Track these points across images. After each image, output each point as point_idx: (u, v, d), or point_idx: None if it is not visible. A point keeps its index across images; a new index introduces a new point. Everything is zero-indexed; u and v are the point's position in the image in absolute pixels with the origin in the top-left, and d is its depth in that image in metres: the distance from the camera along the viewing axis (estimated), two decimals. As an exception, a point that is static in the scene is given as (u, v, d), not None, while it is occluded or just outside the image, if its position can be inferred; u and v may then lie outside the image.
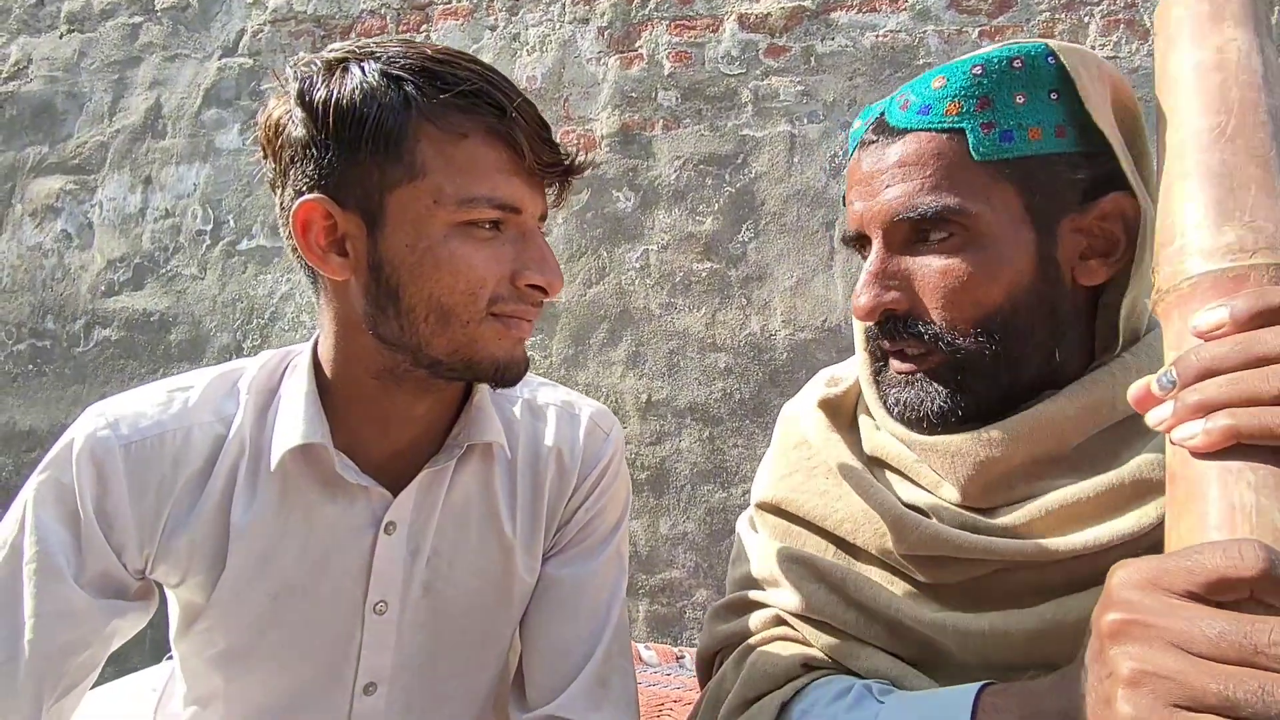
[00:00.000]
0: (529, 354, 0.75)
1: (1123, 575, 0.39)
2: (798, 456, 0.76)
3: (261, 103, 2.66)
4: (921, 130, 0.62)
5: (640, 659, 1.88)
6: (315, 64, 0.63)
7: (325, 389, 0.70)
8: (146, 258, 2.70)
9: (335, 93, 0.60)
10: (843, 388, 0.76)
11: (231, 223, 2.65)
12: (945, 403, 0.63)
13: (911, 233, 0.62)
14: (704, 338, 2.28)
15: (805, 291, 2.24)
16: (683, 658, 2.06)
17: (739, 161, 2.31)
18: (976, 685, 0.55)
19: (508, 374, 0.67)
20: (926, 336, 0.62)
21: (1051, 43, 0.61)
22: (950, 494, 0.65)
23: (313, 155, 0.61)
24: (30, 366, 2.73)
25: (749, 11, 2.34)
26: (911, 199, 0.61)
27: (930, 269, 0.62)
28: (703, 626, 0.78)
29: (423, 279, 0.62)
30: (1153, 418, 0.43)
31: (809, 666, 0.67)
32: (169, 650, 0.77)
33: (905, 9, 2.24)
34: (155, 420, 0.67)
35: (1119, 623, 0.38)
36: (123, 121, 2.78)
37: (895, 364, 0.67)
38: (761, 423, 2.22)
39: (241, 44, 2.73)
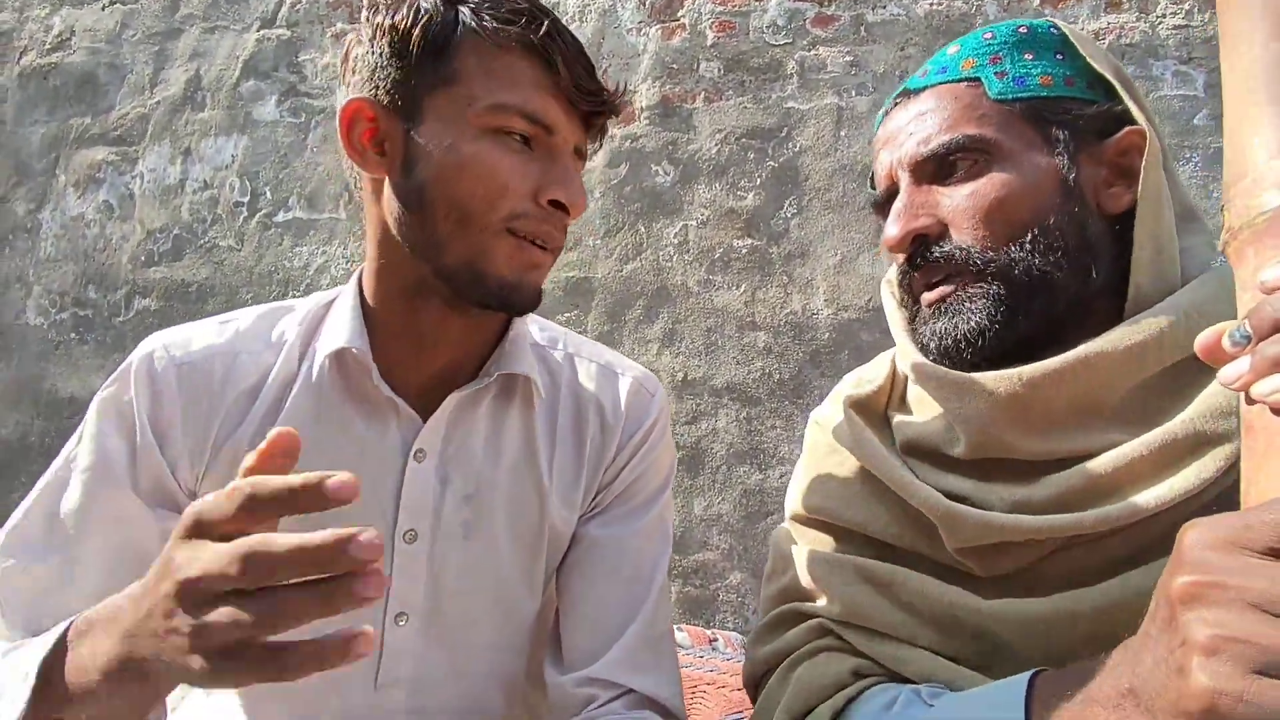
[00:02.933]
0: (564, 327, 0.75)
1: (1195, 535, 0.36)
2: (831, 464, 0.74)
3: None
4: (940, 84, 0.66)
5: (673, 640, 1.84)
6: None
7: (366, 312, 0.73)
8: (185, 229, 2.71)
9: (394, 9, 0.66)
10: (873, 386, 0.75)
11: (268, 194, 2.65)
12: (981, 319, 0.62)
13: (938, 168, 0.65)
14: (743, 316, 2.23)
15: (850, 269, 2.17)
16: (715, 640, 2.03)
17: (783, 135, 2.25)
18: (1028, 673, 0.51)
19: (514, 297, 0.68)
20: (958, 255, 0.63)
21: (1049, 19, 0.68)
22: (985, 445, 0.62)
23: (369, 63, 0.67)
24: (73, 335, 2.77)
25: (796, -21, 2.26)
26: (935, 136, 0.65)
27: (958, 194, 0.64)
28: (745, 650, 0.75)
29: (447, 177, 0.65)
30: (1227, 374, 0.41)
31: (859, 675, 0.63)
32: None
33: (961, -24, 2.15)
34: (206, 345, 0.71)
35: (1193, 585, 0.35)
36: (163, 93, 2.79)
37: (926, 297, 0.67)
38: (801, 404, 2.17)
39: (280, 15, 2.72)
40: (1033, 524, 0.58)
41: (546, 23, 0.65)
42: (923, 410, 0.69)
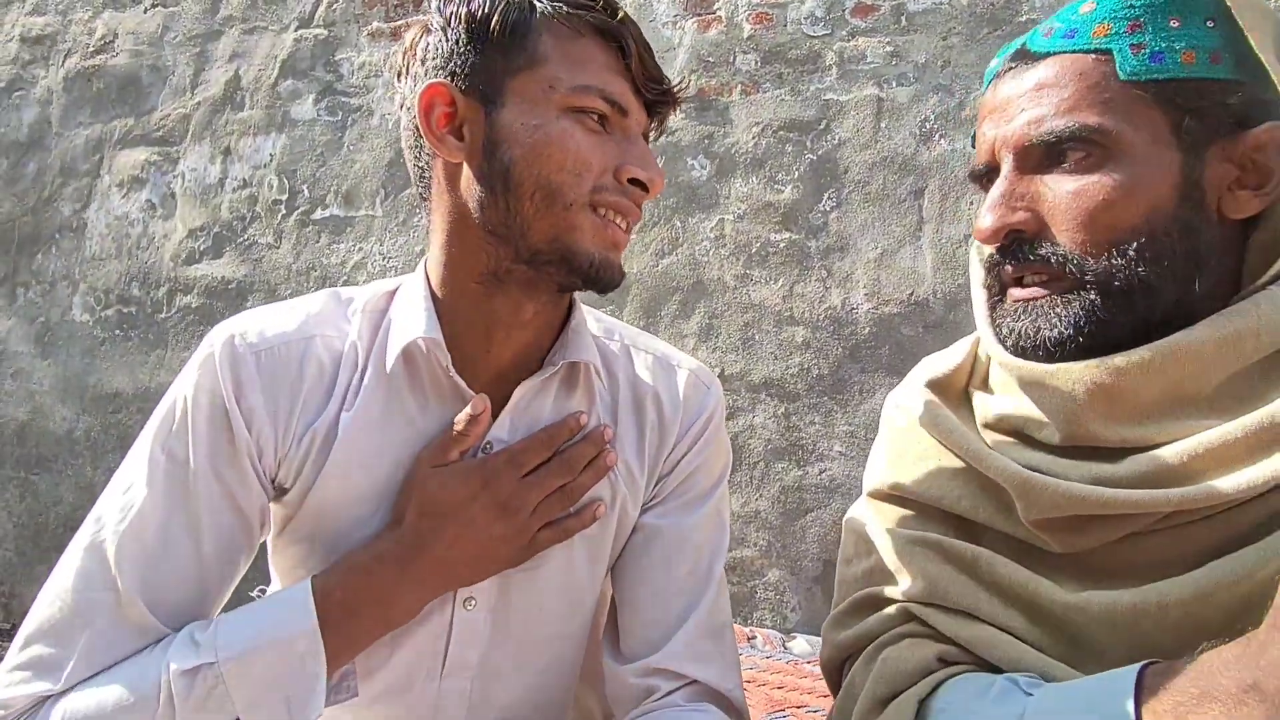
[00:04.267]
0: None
1: None
2: (907, 440, 0.72)
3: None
4: (1064, 53, 0.60)
5: (712, 638, 1.83)
6: None
7: (434, 301, 0.72)
8: (225, 227, 2.75)
9: (471, 0, 0.67)
10: (951, 366, 0.73)
11: (306, 192, 2.68)
12: (1067, 329, 0.59)
13: (1045, 156, 0.60)
14: (781, 311, 2.20)
15: (890, 263, 2.13)
16: (754, 638, 2.01)
17: (821, 127, 2.22)
18: (1136, 666, 0.49)
19: (603, 274, 0.68)
20: (1054, 260, 0.59)
21: None
22: (1073, 434, 0.59)
23: (442, 50, 0.68)
24: (117, 331, 2.83)
25: (835, -31, 2.23)
26: (1048, 120, 0.59)
27: (1063, 190, 0.59)
28: (821, 637, 0.73)
29: (534, 155, 0.65)
30: None
31: (945, 662, 0.61)
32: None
33: (1005, -38, 2.10)
34: (280, 330, 0.70)
35: None
36: (204, 94, 2.83)
37: (1014, 293, 0.63)
38: (840, 400, 2.14)
39: (317, 15, 2.75)
40: (1112, 496, 0.55)
41: (619, 8, 0.68)
42: (1006, 390, 0.67)
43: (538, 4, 0.66)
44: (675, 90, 0.71)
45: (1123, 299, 0.58)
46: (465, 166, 0.68)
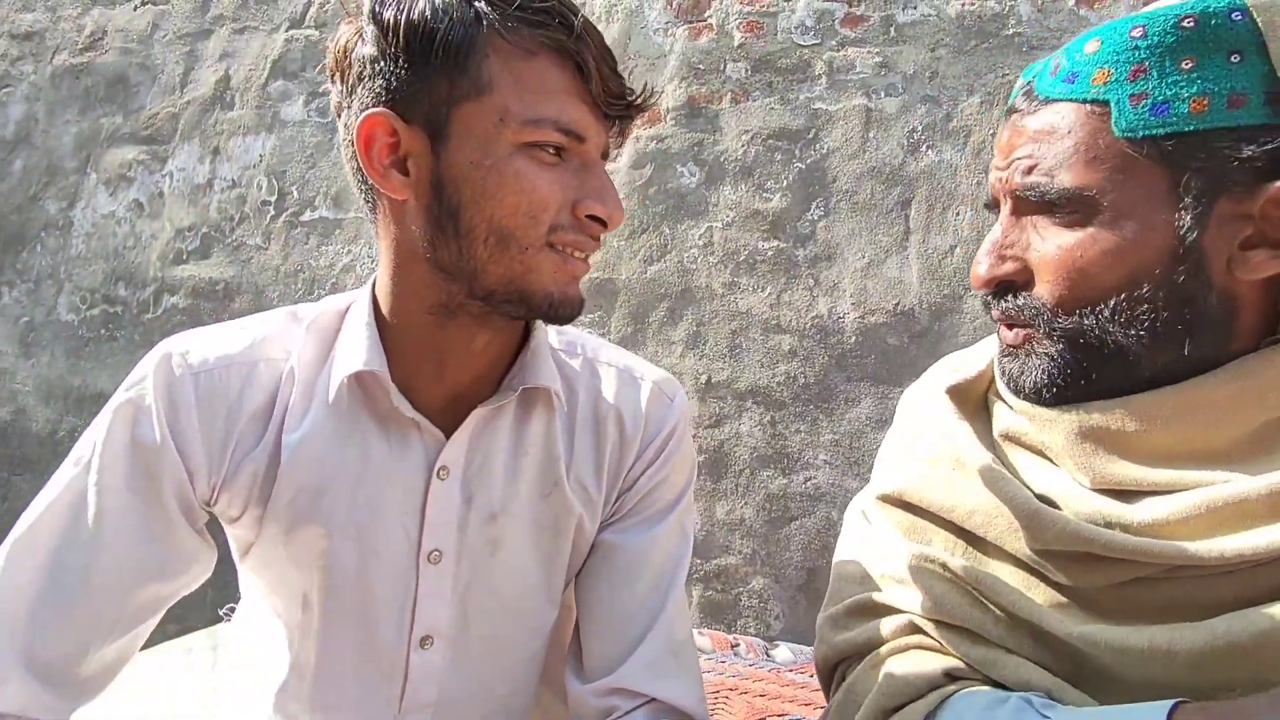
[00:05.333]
0: (588, 332, 0.73)
1: None
2: (921, 446, 0.70)
3: (326, 31, 2.69)
4: (1064, 101, 0.57)
5: (695, 646, 1.82)
6: None
7: (382, 326, 0.69)
8: (213, 227, 2.74)
9: (407, 8, 0.59)
10: (973, 372, 0.71)
11: (295, 194, 2.67)
12: (1043, 377, 0.59)
13: (1039, 205, 0.58)
14: (768, 319, 2.20)
15: (877, 273, 2.14)
16: (737, 645, 2.01)
17: (810, 136, 2.22)
18: (1168, 703, 0.48)
19: (561, 310, 0.65)
20: (1028, 311, 0.59)
21: None
22: (1085, 478, 0.58)
23: (381, 70, 0.61)
24: (103, 331, 2.81)
25: (825, -21, 2.24)
26: (1039, 174, 0.57)
27: (1051, 243, 0.58)
28: (816, 634, 0.72)
29: (485, 198, 0.61)
30: None
31: (952, 678, 0.60)
32: (220, 617, 0.76)
33: (994, -25, 2.11)
34: (223, 353, 0.68)
35: None
36: (193, 93, 2.82)
37: (1004, 333, 0.63)
38: (826, 408, 2.14)
39: (308, 16, 2.74)
40: (1121, 542, 0.53)
41: (575, 22, 0.61)
42: (1024, 410, 0.66)
43: (483, 16, 0.59)
44: (640, 102, 0.66)
45: (1091, 355, 0.57)
46: (412, 201, 0.63)
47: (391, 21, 0.59)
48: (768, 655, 1.98)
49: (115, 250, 2.83)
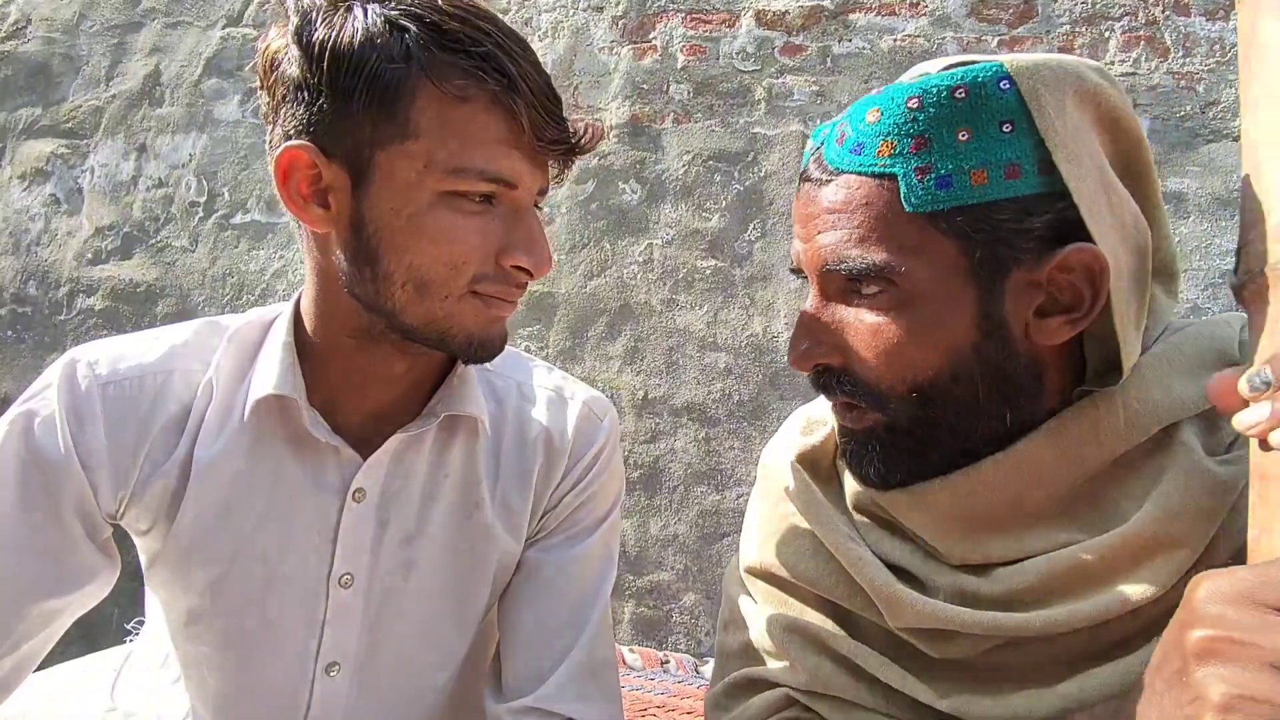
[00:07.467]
0: (527, 345, 0.72)
1: (1210, 587, 0.35)
2: (782, 514, 0.70)
3: (262, 31, 2.58)
4: (853, 173, 0.55)
5: (624, 662, 1.82)
6: None
7: (304, 344, 0.68)
8: (136, 227, 2.63)
9: (334, 35, 0.56)
10: (820, 436, 0.70)
11: (226, 195, 2.59)
12: (881, 466, 0.59)
13: (844, 283, 0.57)
14: (704, 336, 2.24)
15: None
16: (667, 662, 2.01)
17: (749, 159, 2.27)
18: None
19: (482, 351, 0.64)
20: (855, 395, 0.58)
21: (1010, 62, 0.52)
22: (937, 549, 0.60)
23: (304, 99, 0.58)
24: (10, 332, 2.66)
25: (766, 8, 2.30)
26: (839, 251, 0.55)
27: (863, 325, 0.56)
28: (706, 715, 0.71)
29: (404, 247, 0.59)
30: (1242, 421, 0.39)
31: None
32: (129, 632, 0.73)
33: (925, 14, 2.21)
34: (136, 363, 0.65)
35: (1208, 640, 0.34)
36: (120, 87, 2.71)
37: (837, 409, 0.62)
38: (759, 425, 2.18)
39: (246, 14, 2.67)
40: (975, 620, 0.54)
41: (512, 69, 0.58)
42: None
43: (413, 51, 0.56)
44: (582, 142, 0.63)
45: (926, 438, 0.57)
46: (333, 235, 0.61)
47: (317, 47, 0.56)
48: (697, 672, 1.99)
49: (28, 247, 2.69)
